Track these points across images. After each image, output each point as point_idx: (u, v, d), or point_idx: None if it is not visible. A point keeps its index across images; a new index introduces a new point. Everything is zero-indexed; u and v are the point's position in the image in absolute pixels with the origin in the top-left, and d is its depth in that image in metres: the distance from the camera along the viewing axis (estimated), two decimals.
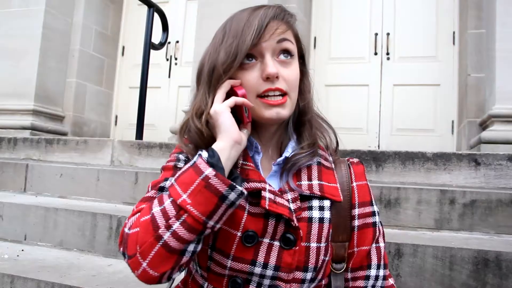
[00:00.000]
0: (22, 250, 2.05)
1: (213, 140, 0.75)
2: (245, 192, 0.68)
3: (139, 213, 0.71)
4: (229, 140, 0.73)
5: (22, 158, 3.25)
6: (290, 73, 0.79)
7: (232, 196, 0.66)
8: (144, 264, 0.66)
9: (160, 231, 0.65)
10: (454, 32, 3.80)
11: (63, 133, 4.22)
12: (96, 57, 4.68)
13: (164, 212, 0.66)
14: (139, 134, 3.29)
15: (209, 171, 0.66)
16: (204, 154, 0.70)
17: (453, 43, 3.79)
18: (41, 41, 4.00)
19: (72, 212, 2.15)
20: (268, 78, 0.77)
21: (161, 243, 0.65)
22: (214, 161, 0.68)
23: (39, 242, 2.19)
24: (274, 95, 0.77)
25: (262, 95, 0.78)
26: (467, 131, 3.25)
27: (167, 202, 0.67)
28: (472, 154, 2.27)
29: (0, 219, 2.29)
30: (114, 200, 2.58)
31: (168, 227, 0.65)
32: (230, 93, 0.78)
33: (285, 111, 0.79)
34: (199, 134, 0.77)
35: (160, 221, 0.66)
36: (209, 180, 0.66)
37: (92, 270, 1.80)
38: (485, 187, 2.18)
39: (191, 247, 0.67)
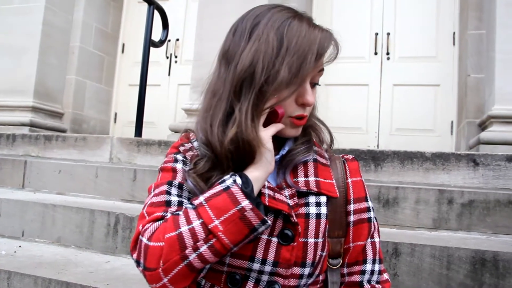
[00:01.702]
0: (20, 246, 2.05)
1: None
2: (270, 224, 0.70)
3: (158, 222, 0.71)
4: (265, 172, 0.73)
5: (21, 155, 3.25)
6: (315, 98, 0.81)
7: (262, 229, 0.68)
8: (165, 280, 0.67)
9: (187, 252, 0.66)
10: (454, 33, 3.80)
11: (62, 130, 4.22)
12: (96, 54, 4.68)
13: (193, 234, 0.66)
14: (138, 131, 3.29)
15: (245, 204, 0.66)
16: (238, 180, 0.69)
17: (453, 44, 3.79)
18: (41, 38, 4.00)
19: (70, 208, 2.15)
20: (303, 104, 0.77)
21: (185, 263, 0.66)
22: (248, 191, 0.68)
23: (36, 239, 2.19)
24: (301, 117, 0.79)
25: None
26: (466, 131, 3.25)
27: (197, 223, 0.67)
28: (471, 155, 2.27)
29: None
30: (112, 197, 2.58)
31: (196, 248, 0.66)
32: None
33: (301, 129, 0.82)
34: (233, 154, 0.73)
35: (188, 241, 0.66)
36: (245, 213, 0.66)
37: (90, 266, 1.80)
38: (483, 187, 2.18)
39: (208, 265, 0.69)
